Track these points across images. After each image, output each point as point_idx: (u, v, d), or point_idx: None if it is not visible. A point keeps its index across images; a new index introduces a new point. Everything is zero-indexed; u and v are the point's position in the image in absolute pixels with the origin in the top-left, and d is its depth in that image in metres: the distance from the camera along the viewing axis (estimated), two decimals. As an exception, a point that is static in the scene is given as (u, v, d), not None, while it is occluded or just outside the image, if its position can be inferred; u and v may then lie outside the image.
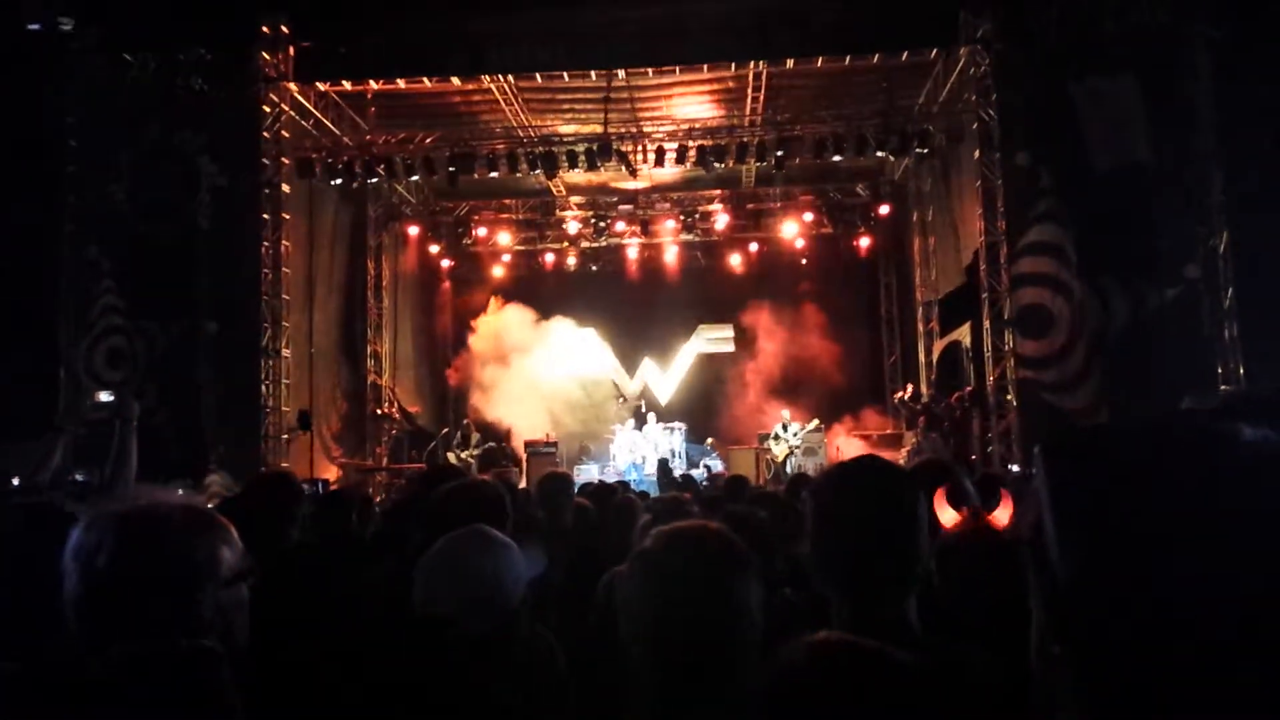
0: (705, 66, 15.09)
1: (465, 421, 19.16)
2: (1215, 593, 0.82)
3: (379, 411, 19.64)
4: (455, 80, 15.07)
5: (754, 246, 20.99)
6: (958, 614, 2.18)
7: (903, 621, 1.90)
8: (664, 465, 14.49)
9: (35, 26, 13.01)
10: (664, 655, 1.78)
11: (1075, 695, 0.91)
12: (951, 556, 2.30)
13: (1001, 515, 2.40)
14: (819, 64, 14.99)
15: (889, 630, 1.78)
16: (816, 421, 17.47)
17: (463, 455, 18.14)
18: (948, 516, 2.43)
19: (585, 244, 21.05)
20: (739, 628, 1.77)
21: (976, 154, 14.35)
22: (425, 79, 14.99)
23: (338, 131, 16.66)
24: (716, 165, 16.35)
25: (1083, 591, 0.88)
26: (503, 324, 21.04)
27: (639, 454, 18.37)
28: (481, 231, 21.00)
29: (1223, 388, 12.72)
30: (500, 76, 15.06)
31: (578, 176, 18.05)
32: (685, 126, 16.69)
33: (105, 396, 13.23)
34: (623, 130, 16.45)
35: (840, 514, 1.98)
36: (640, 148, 16.48)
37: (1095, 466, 0.90)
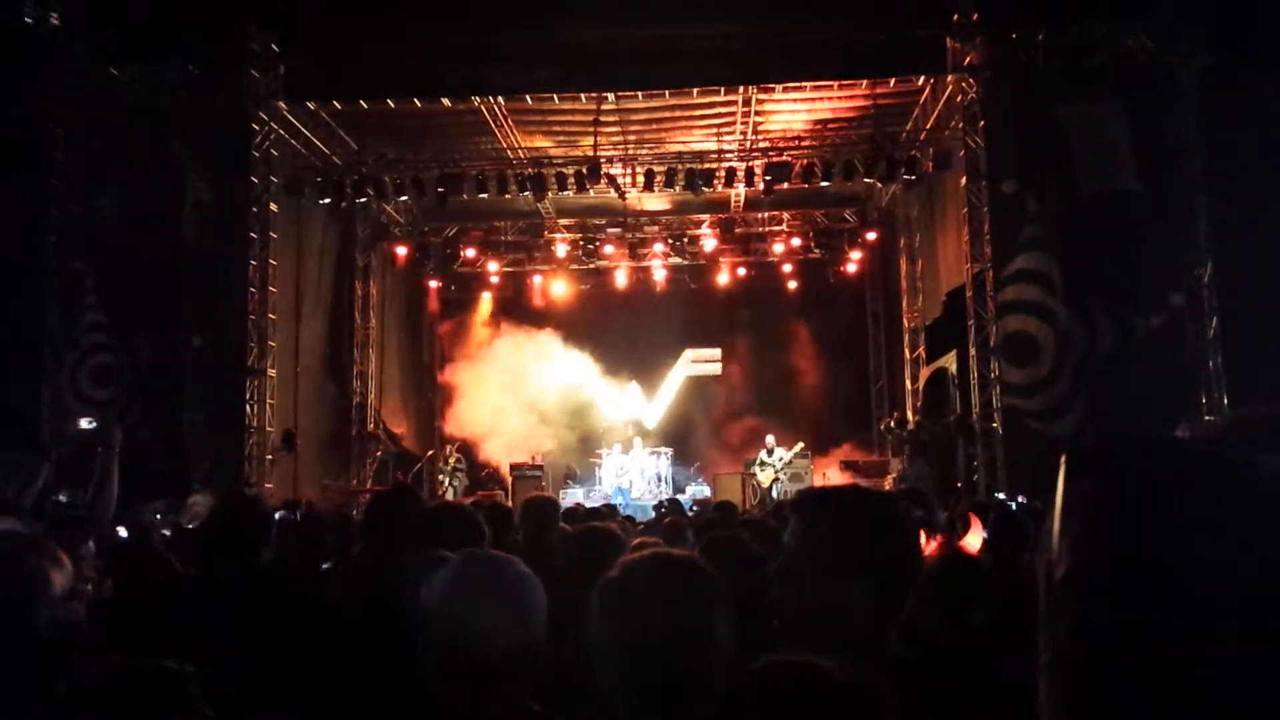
0: (695, 91, 15.15)
1: (447, 446, 19.09)
2: (1215, 616, 0.81)
3: (364, 432, 19.56)
4: (445, 101, 15.09)
5: (742, 271, 21.00)
6: (933, 637, 2.16)
7: (879, 645, 1.88)
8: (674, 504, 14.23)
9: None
10: (630, 682, 1.76)
11: (1059, 704, 0.90)
12: (926, 583, 2.29)
13: (973, 541, 2.38)
14: (808, 90, 15.09)
15: (868, 654, 1.76)
16: (801, 446, 17.44)
17: (446, 481, 18.09)
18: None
19: (574, 266, 21.04)
20: (704, 654, 1.75)
21: (963, 181, 14.42)
22: (416, 99, 15.00)
23: (327, 150, 16.67)
24: (705, 189, 16.40)
25: (1080, 602, 0.88)
26: (489, 346, 21.03)
27: (626, 478, 18.33)
28: (470, 253, 20.97)
29: (1207, 416, 12.76)
30: (490, 98, 15.09)
31: (567, 199, 18.07)
32: (674, 150, 16.75)
33: (86, 424, 13.11)
34: (612, 153, 16.50)
35: (825, 541, 1.95)
36: (629, 171, 16.52)
37: (1112, 479, 0.90)
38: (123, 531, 5.81)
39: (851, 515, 1.96)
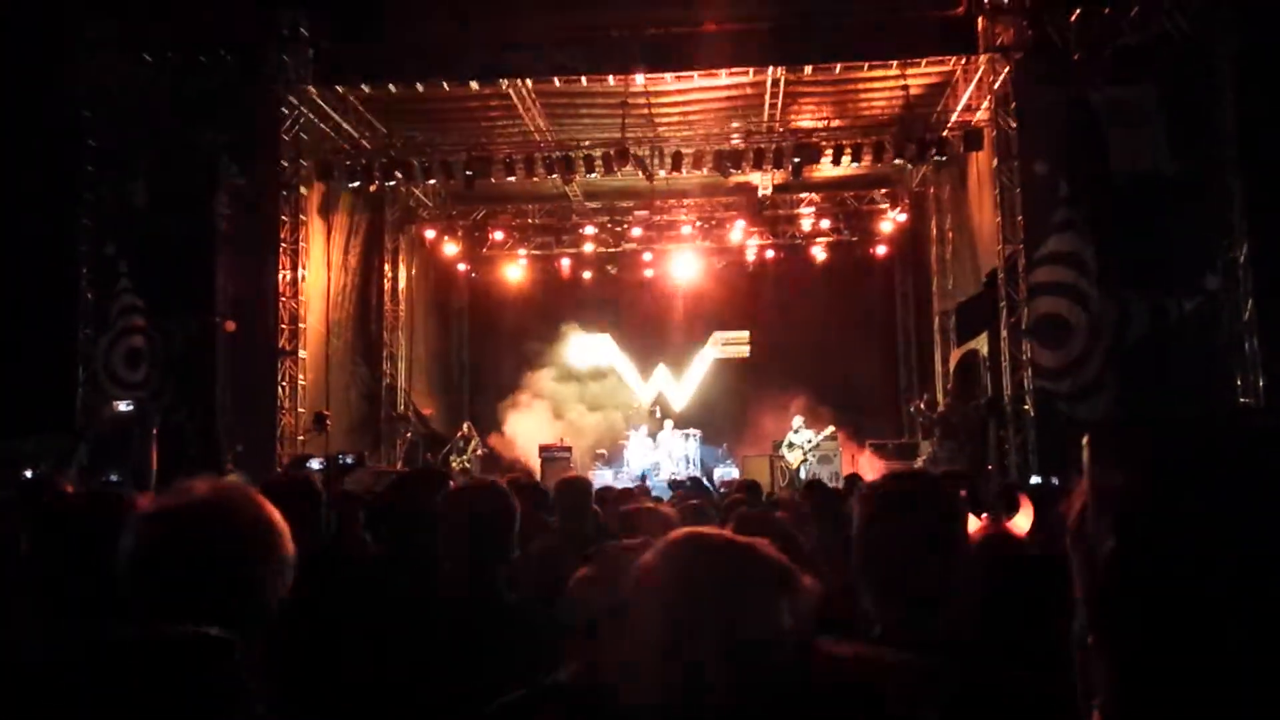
0: (723, 72, 15.06)
1: (465, 425, 19.14)
2: (1267, 588, 0.81)
3: (394, 414, 19.67)
4: (473, 85, 15.09)
5: (770, 253, 20.92)
6: (977, 621, 2.16)
7: (936, 632, 1.89)
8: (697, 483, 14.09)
9: None
10: (674, 662, 1.73)
11: (1105, 685, 0.90)
12: (971, 564, 2.27)
13: (1021, 522, 2.36)
14: (837, 70, 14.97)
15: (923, 641, 1.77)
16: (832, 429, 17.39)
17: (461, 459, 18.12)
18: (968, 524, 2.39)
19: (601, 249, 21.03)
20: (756, 636, 1.72)
21: (995, 162, 14.30)
22: (444, 83, 15.01)
23: (356, 134, 16.72)
24: (733, 171, 16.33)
25: (1119, 580, 0.88)
26: (517, 327, 21.10)
27: (652, 460, 18.36)
28: (498, 236, 21.01)
29: (1243, 400, 12.63)
30: (518, 81, 15.08)
31: (595, 182, 18.04)
32: (702, 132, 16.68)
33: (124, 406, 13.27)
34: (640, 135, 16.44)
35: (891, 528, 1.99)
36: (657, 153, 16.46)
37: (1138, 455, 0.91)
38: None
39: (906, 501, 1.99)
